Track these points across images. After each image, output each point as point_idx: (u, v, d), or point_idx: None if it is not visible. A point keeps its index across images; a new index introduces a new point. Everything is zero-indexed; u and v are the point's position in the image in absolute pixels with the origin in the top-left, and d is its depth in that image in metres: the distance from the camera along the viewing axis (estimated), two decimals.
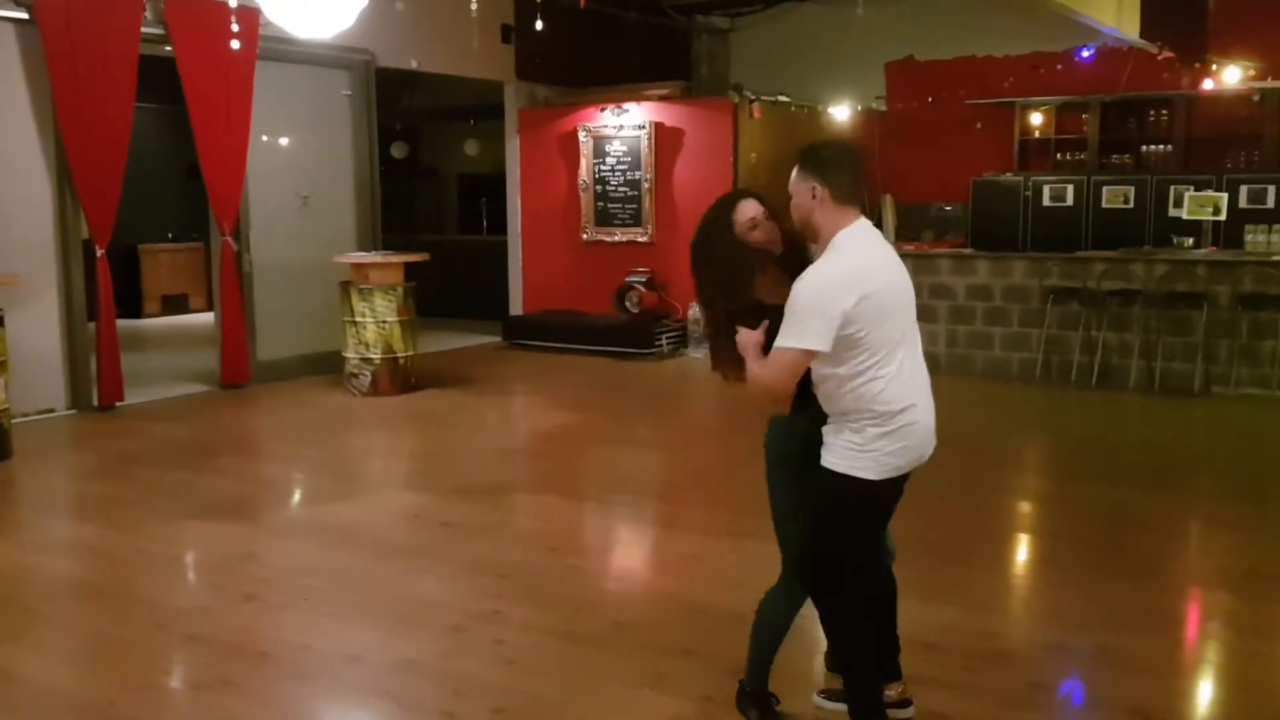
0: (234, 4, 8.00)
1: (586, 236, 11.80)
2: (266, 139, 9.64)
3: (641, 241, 11.46)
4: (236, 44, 8.42)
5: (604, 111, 11.58)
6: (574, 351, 11.13)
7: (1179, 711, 3.70)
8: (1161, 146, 11.53)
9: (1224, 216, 9.46)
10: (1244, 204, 10.34)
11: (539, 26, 9.34)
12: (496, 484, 6.56)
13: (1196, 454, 7.49)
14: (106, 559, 5.23)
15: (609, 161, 11.57)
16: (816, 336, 2.95)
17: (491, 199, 14.42)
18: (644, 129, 11.31)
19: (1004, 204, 11.69)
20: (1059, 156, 12.03)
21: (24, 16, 7.85)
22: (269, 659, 4.06)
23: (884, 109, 12.87)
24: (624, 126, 11.45)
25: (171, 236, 14.70)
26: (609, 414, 8.74)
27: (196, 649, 4.17)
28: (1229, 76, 11.01)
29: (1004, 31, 11.79)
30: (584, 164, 11.71)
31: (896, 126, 12.60)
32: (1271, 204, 10.34)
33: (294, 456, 7.55)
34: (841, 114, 12.21)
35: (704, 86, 13.02)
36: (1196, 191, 9.83)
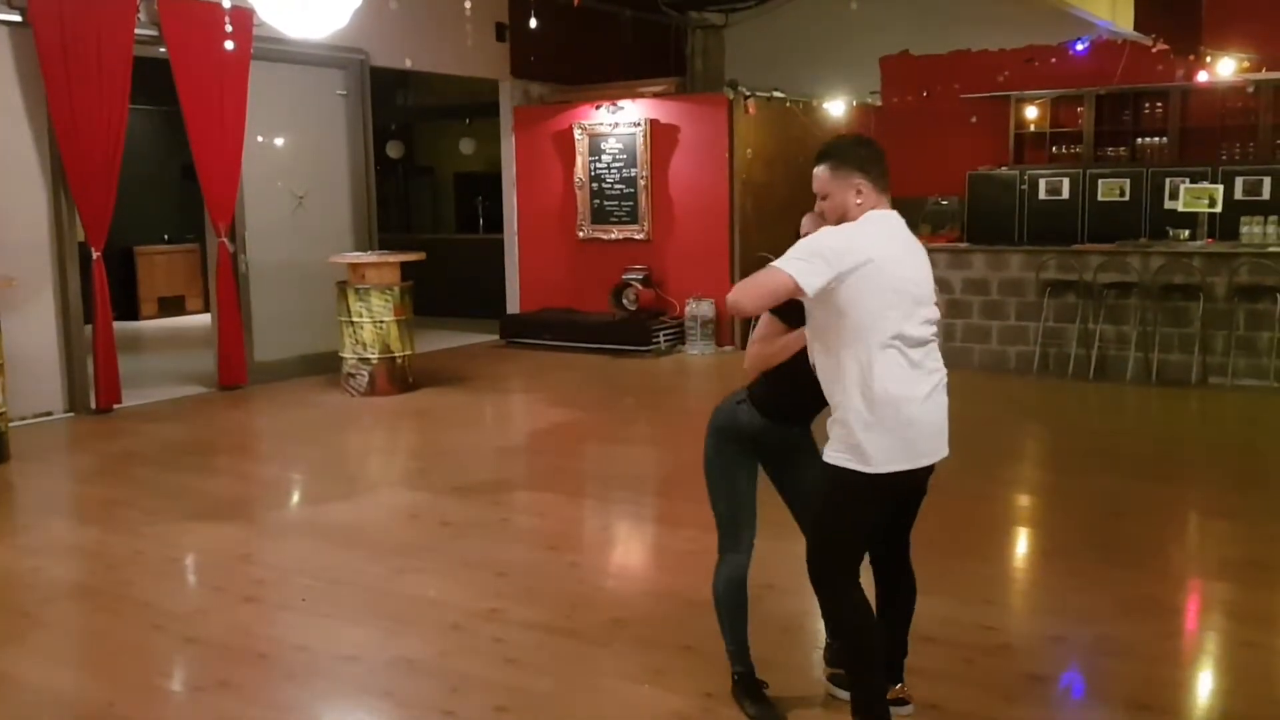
0: (228, 5, 8.00)
1: (583, 234, 11.79)
2: (261, 140, 9.63)
3: (638, 238, 11.45)
4: (230, 45, 8.40)
5: (599, 109, 11.57)
6: (571, 349, 11.12)
7: (1178, 702, 3.70)
8: (1156, 139, 11.53)
9: (1219, 208, 9.46)
10: (1239, 195, 10.36)
11: (533, 24, 9.31)
12: (495, 482, 6.57)
13: (1194, 445, 7.52)
14: (105, 561, 5.22)
15: (605, 159, 11.55)
16: (811, 274, 2.96)
17: (487, 197, 14.43)
18: (639, 126, 11.30)
19: (1000, 197, 11.71)
20: (1054, 149, 12.03)
21: (17, 19, 7.83)
22: (268, 660, 4.05)
23: (879, 104, 12.87)
24: (619, 124, 11.43)
25: (167, 238, 14.67)
26: (607, 411, 8.74)
27: (195, 650, 4.16)
28: (1223, 68, 11.01)
29: (998, 25, 11.82)
30: (580, 161, 11.69)
31: (891, 121, 12.59)
32: (1267, 195, 10.37)
33: (292, 457, 7.54)
34: (836, 109, 12.20)
35: (699, 83, 13.01)
36: (1192, 184, 9.83)
